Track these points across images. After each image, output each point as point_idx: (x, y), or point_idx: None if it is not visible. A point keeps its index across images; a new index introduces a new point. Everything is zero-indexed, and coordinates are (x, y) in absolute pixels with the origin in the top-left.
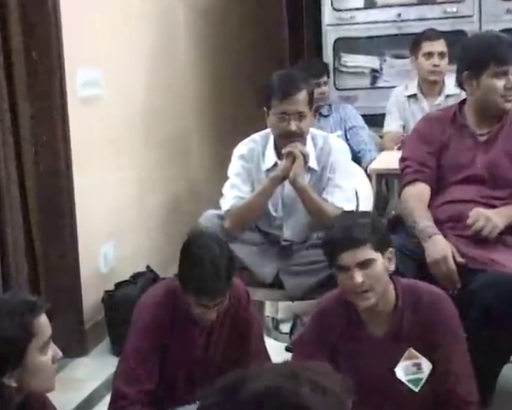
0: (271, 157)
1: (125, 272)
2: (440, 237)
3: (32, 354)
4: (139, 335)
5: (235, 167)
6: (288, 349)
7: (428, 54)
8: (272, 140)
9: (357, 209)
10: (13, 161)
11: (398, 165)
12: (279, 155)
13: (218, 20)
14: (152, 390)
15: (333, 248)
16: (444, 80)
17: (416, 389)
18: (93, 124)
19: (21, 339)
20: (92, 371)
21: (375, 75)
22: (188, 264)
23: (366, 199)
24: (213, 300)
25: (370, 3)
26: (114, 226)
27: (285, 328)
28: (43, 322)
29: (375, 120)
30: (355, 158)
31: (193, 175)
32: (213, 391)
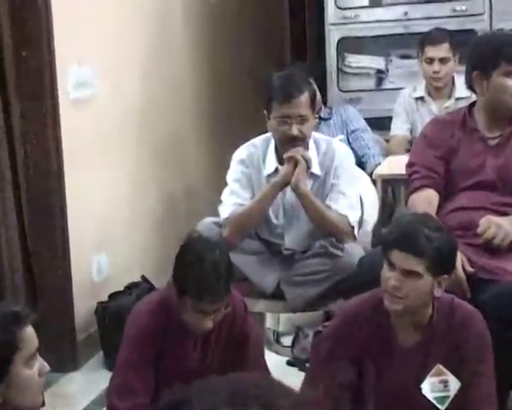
0: (272, 162)
1: (119, 282)
2: None
3: (17, 368)
4: (131, 346)
5: (234, 173)
6: (290, 363)
7: (429, 59)
8: (273, 144)
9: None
10: (6, 161)
11: (404, 170)
12: (280, 161)
13: (217, 19)
14: (146, 404)
15: (390, 240)
16: (454, 82)
17: (442, 408)
18: (85, 124)
19: (5, 352)
20: (84, 386)
21: (381, 76)
22: (187, 265)
23: (371, 206)
24: (213, 303)
25: (376, 1)
26: (107, 233)
27: (286, 341)
28: (28, 333)
29: (381, 124)
30: (359, 163)
31: (190, 179)
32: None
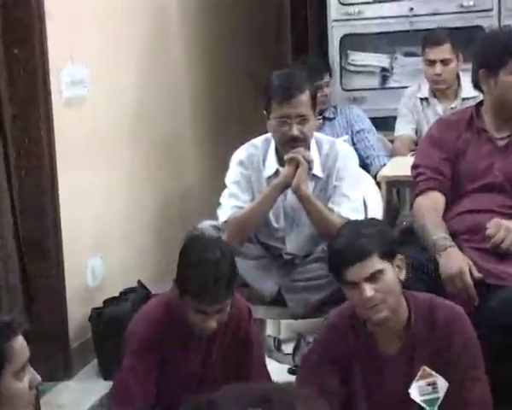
0: (273, 164)
1: (115, 288)
2: (456, 250)
3: (7, 380)
4: (135, 353)
5: (233, 174)
6: (291, 371)
7: (430, 61)
8: (273, 145)
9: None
10: (2, 164)
11: (409, 172)
12: (281, 162)
13: (215, 16)
14: None
15: (338, 263)
16: (459, 82)
17: None
18: (79, 124)
19: None
20: (78, 396)
21: (385, 75)
22: (187, 266)
23: (375, 209)
24: (214, 303)
25: None
26: (102, 237)
27: (288, 348)
28: (18, 345)
29: (386, 124)
30: (363, 164)
31: (187, 180)
32: None
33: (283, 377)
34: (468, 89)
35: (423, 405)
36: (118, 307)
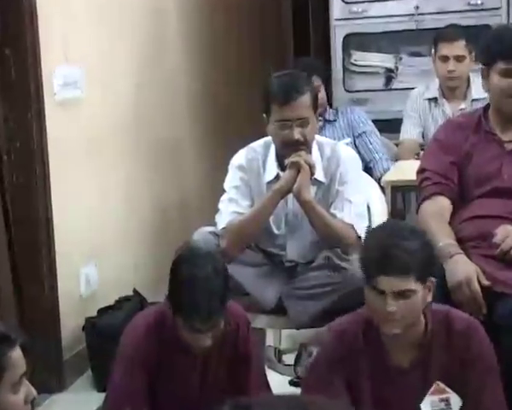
0: (273, 168)
1: (109, 296)
2: (463, 257)
3: (2, 393)
4: (125, 368)
5: (232, 179)
6: (293, 383)
7: (444, 57)
8: (273, 150)
9: (401, 222)
10: None
11: (415, 176)
12: (281, 166)
13: (214, 14)
14: None
15: (371, 266)
16: (469, 83)
17: None
18: (73, 127)
19: None
20: (71, 408)
21: (390, 75)
22: (178, 284)
23: (379, 215)
24: (206, 324)
25: None
26: (97, 244)
27: (289, 359)
28: (16, 357)
29: (390, 126)
30: (366, 168)
31: (185, 185)
32: None
33: (284, 389)
34: (478, 90)
35: None
36: (113, 317)
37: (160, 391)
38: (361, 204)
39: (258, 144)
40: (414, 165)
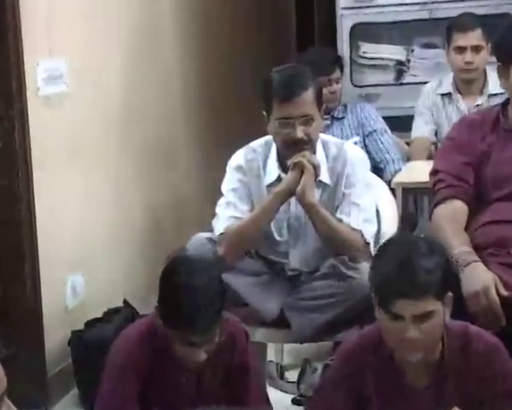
0: (274, 170)
1: (98, 308)
2: (480, 266)
3: None
4: (114, 380)
5: (230, 181)
6: (296, 401)
7: (460, 48)
8: (275, 149)
9: (407, 233)
10: None
11: (428, 178)
12: (283, 168)
13: (210, 5)
14: None
15: (385, 288)
16: (486, 77)
17: None
18: (58, 127)
19: None
20: None
21: (401, 69)
22: (168, 295)
23: (390, 219)
24: (199, 337)
25: None
26: (84, 250)
27: (292, 376)
28: None
29: (401, 124)
30: (375, 169)
31: (180, 188)
32: None
33: (287, 408)
34: (496, 84)
35: None
36: (101, 330)
37: (153, 400)
38: (369, 208)
39: (258, 144)
40: (426, 165)
